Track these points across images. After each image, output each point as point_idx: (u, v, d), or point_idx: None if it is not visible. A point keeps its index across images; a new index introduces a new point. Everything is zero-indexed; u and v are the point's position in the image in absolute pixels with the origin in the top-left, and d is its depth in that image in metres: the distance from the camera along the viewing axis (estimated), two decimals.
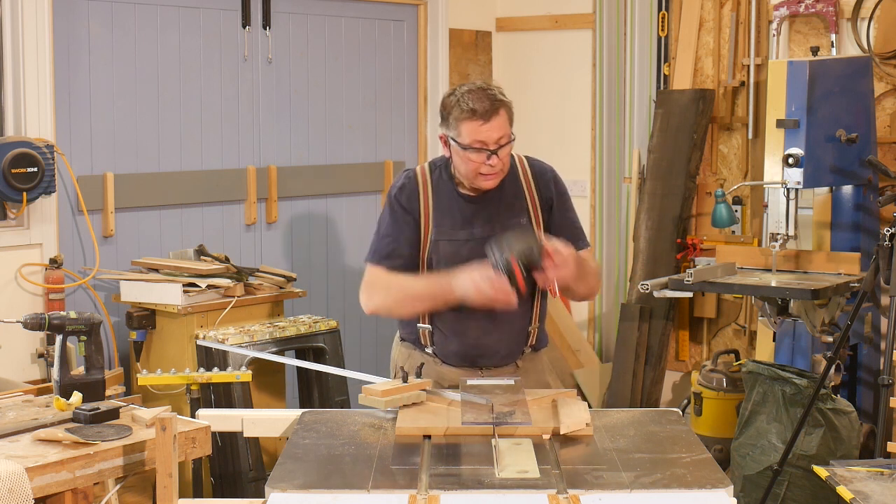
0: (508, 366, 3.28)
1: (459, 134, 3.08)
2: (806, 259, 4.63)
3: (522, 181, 3.24)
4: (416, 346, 3.33)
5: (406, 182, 3.24)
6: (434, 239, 3.19)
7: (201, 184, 5.26)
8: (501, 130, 3.06)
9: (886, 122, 5.16)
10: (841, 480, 2.63)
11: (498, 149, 3.06)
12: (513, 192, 3.23)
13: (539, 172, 3.27)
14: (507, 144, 3.09)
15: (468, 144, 3.06)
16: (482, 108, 3.04)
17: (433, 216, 3.20)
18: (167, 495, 2.38)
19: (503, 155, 3.09)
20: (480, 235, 3.17)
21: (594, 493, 2.31)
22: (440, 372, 3.26)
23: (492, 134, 3.05)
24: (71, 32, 4.77)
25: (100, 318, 3.00)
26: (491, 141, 3.06)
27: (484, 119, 3.04)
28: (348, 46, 5.83)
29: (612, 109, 6.16)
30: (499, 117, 3.06)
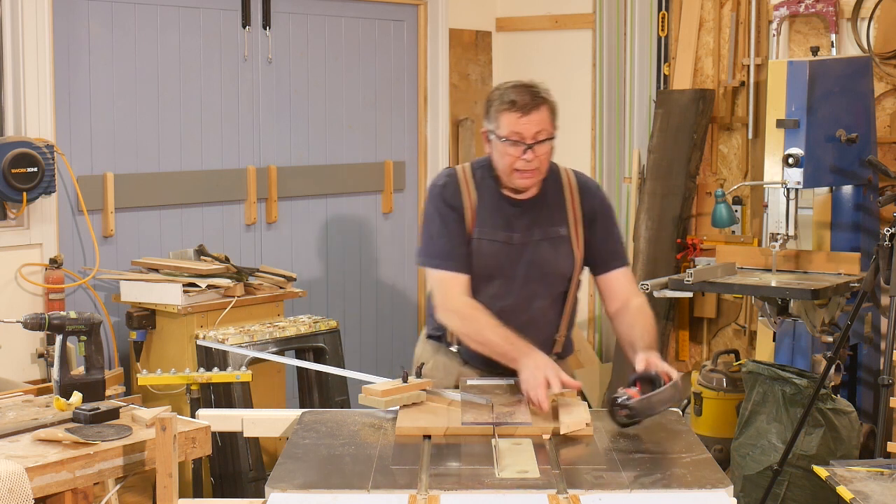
0: None
1: (499, 126, 3.07)
2: (806, 259, 4.63)
3: (567, 192, 3.21)
4: (440, 344, 3.30)
5: (448, 180, 3.21)
6: (476, 237, 3.15)
7: (201, 184, 5.26)
8: (540, 125, 3.04)
9: (886, 122, 5.16)
10: (841, 480, 2.63)
11: (535, 144, 3.04)
12: (556, 201, 3.20)
13: (584, 186, 3.24)
14: (546, 142, 3.06)
15: (506, 136, 3.05)
16: (522, 100, 3.04)
17: (477, 214, 3.16)
18: (167, 495, 2.38)
19: (540, 152, 3.06)
20: (519, 241, 3.15)
21: (594, 493, 2.31)
22: (462, 372, 3.23)
23: (530, 127, 3.03)
24: (71, 32, 4.77)
25: (100, 318, 3.00)
26: (528, 134, 3.03)
27: (523, 112, 3.03)
28: (348, 46, 5.83)
29: (612, 109, 6.16)
30: (539, 112, 3.05)
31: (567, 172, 3.26)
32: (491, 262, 3.14)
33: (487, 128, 3.13)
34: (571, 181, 3.24)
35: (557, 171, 3.24)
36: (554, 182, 3.21)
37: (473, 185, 3.19)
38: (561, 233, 3.18)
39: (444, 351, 3.29)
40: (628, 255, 3.38)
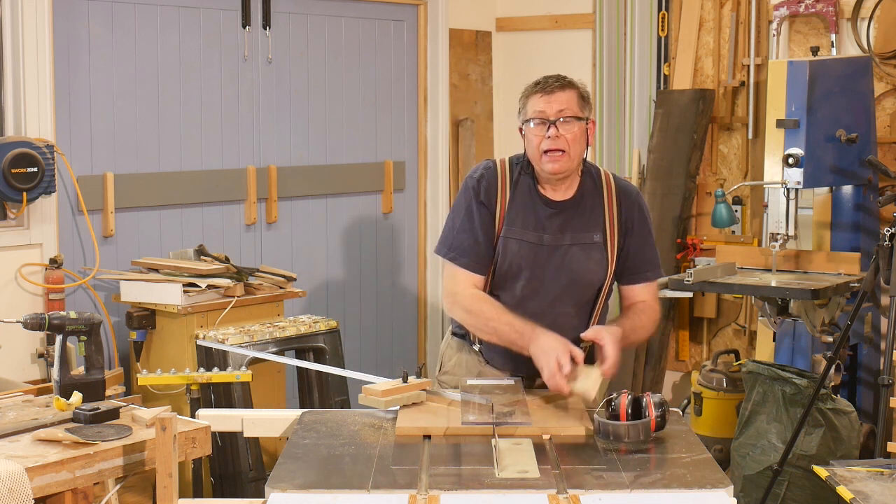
0: None
1: (526, 112, 3.09)
2: (806, 259, 4.63)
3: (605, 197, 3.17)
4: (465, 342, 3.28)
5: (485, 172, 3.19)
6: (504, 235, 3.13)
7: (201, 184, 5.26)
8: (564, 104, 3.04)
9: (886, 122, 5.16)
10: (841, 480, 2.63)
11: (558, 121, 3.03)
12: (591, 205, 3.16)
13: (624, 192, 3.20)
14: (572, 121, 3.04)
15: (531, 117, 3.06)
16: (547, 83, 3.07)
17: (508, 211, 3.14)
18: (167, 495, 2.38)
19: (566, 131, 3.04)
20: (549, 243, 3.12)
21: (594, 493, 2.31)
22: (483, 371, 3.21)
23: (552, 105, 3.04)
24: (71, 32, 4.77)
25: (100, 318, 3.00)
26: (551, 111, 3.04)
27: (546, 92, 3.05)
28: (348, 46, 5.83)
29: (612, 109, 6.16)
30: (563, 93, 3.05)
31: (607, 176, 3.21)
32: (517, 261, 3.12)
33: (520, 121, 3.13)
34: (611, 186, 3.19)
35: (597, 175, 3.20)
36: (592, 185, 3.17)
37: (510, 180, 3.16)
38: (595, 239, 3.13)
39: (468, 349, 3.27)
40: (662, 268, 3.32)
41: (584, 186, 3.16)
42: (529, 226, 3.13)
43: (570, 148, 3.05)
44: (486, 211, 3.14)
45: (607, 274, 3.16)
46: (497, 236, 3.13)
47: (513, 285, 3.15)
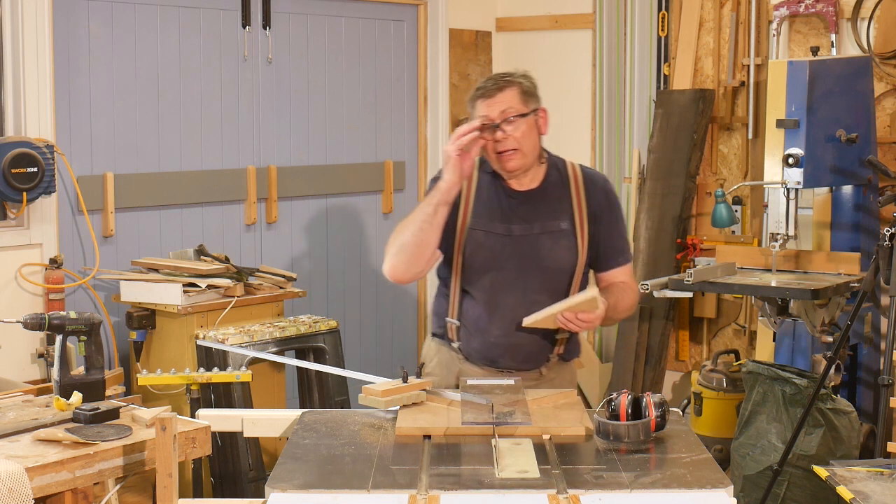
0: (532, 371, 3.22)
1: (474, 115, 3.14)
2: (806, 259, 4.63)
3: (572, 186, 3.22)
4: (444, 342, 3.31)
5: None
6: (470, 227, 3.18)
7: (201, 184, 5.26)
8: (505, 104, 3.10)
9: (886, 122, 5.16)
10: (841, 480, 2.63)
11: (503, 123, 3.09)
12: (558, 195, 3.21)
13: (590, 180, 3.25)
14: (517, 119, 3.09)
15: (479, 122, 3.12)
16: (486, 85, 3.13)
17: (473, 205, 3.19)
18: (167, 495, 2.38)
19: (512, 130, 3.09)
20: (518, 233, 3.17)
21: (594, 493, 2.31)
22: (463, 370, 3.24)
23: (494, 108, 3.10)
24: (71, 32, 4.77)
25: (100, 318, 3.00)
26: (494, 114, 3.09)
27: (487, 95, 3.11)
28: (348, 46, 5.83)
29: (612, 109, 6.16)
30: (503, 93, 3.11)
31: (573, 166, 3.27)
32: (486, 253, 3.16)
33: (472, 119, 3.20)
34: (577, 175, 3.24)
35: (563, 165, 3.26)
36: (558, 175, 3.23)
37: (476, 176, 3.22)
38: (562, 226, 3.18)
39: (447, 348, 3.30)
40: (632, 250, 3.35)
41: (549, 176, 3.23)
42: (496, 217, 3.18)
43: (522, 144, 3.12)
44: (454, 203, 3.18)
45: (578, 260, 3.20)
46: (463, 229, 3.18)
47: (483, 277, 3.18)
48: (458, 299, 3.23)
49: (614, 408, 2.70)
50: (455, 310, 3.24)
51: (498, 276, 3.17)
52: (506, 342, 3.19)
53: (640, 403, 2.70)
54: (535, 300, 3.14)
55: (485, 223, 3.17)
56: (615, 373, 5.71)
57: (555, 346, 3.25)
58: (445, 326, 3.28)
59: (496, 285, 3.17)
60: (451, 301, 3.25)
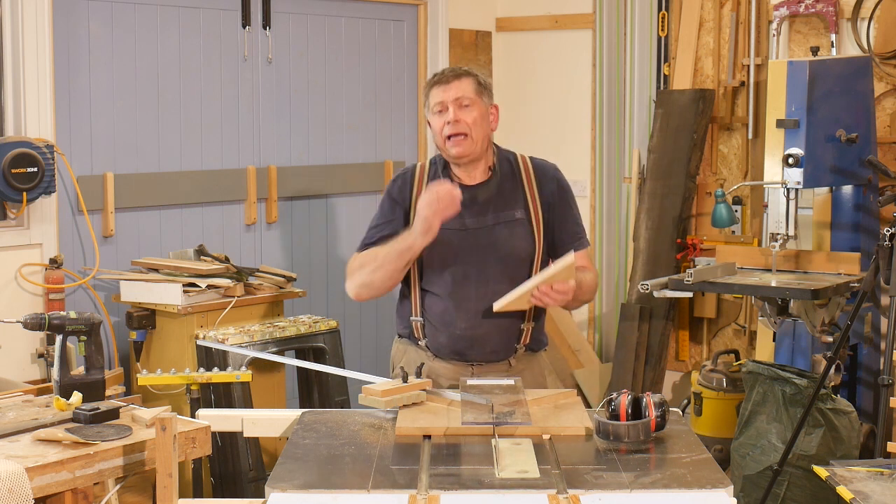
0: (500, 363, 3.28)
1: (429, 104, 3.26)
2: (806, 259, 4.63)
3: (523, 177, 3.30)
4: (410, 341, 3.36)
5: (401, 174, 3.38)
6: None
7: (201, 184, 5.26)
8: (460, 92, 3.22)
9: (886, 122, 5.16)
10: (841, 480, 2.63)
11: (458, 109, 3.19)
12: (510, 186, 3.28)
13: (541, 169, 3.33)
14: (470, 105, 3.20)
15: (432, 108, 3.24)
16: (442, 74, 3.26)
17: None
18: (167, 495, 2.38)
19: (466, 116, 3.19)
20: (472, 226, 3.23)
21: (594, 493, 2.31)
22: (432, 367, 3.28)
23: (449, 93, 3.21)
24: (71, 32, 4.77)
25: (100, 318, 3.00)
26: (449, 100, 3.20)
27: (443, 83, 3.23)
28: (348, 46, 5.83)
29: (612, 109, 6.16)
30: (459, 82, 3.23)
31: (523, 158, 3.35)
32: (444, 249, 3.21)
33: (426, 115, 3.30)
34: (528, 166, 3.32)
35: (513, 158, 3.34)
36: (509, 167, 3.31)
37: (426, 177, 3.31)
38: (517, 216, 3.25)
39: (414, 347, 3.35)
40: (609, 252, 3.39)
41: (500, 168, 3.30)
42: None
43: (472, 131, 3.21)
44: (400, 209, 3.31)
45: (535, 247, 3.26)
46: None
47: (443, 273, 3.23)
48: (420, 297, 3.29)
49: (614, 408, 2.70)
50: (418, 308, 3.30)
51: (458, 270, 3.23)
52: (472, 334, 3.23)
53: (640, 403, 2.70)
54: (496, 290, 3.19)
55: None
56: (615, 373, 5.71)
57: (521, 337, 3.28)
58: (410, 326, 3.33)
59: (457, 279, 3.23)
60: (413, 300, 3.31)
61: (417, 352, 3.33)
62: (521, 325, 3.28)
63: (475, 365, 3.27)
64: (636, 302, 5.67)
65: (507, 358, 3.30)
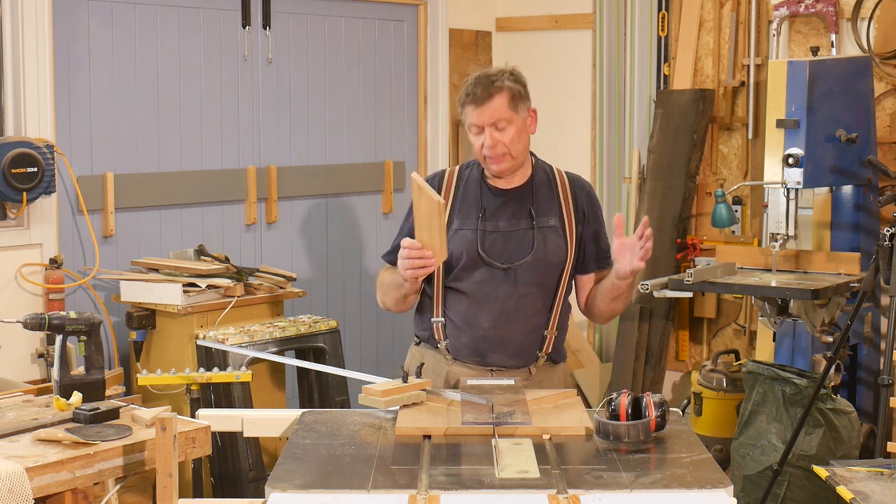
0: (520, 370, 3.22)
1: (464, 118, 3.21)
2: (806, 259, 4.63)
3: (558, 187, 3.27)
4: (429, 345, 3.32)
5: (432, 176, 3.33)
6: (456, 228, 3.21)
7: (201, 184, 5.26)
8: (497, 114, 3.13)
9: (886, 122, 5.16)
10: (841, 480, 2.63)
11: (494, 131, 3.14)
12: (545, 193, 3.25)
13: (576, 183, 3.31)
14: (506, 128, 3.14)
15: (468, 126, 3.19)
16: (476, 93, 3.15)
17: (458, 207, 3.24)
18: (167, 495, 2.38)
19: (503, 136, 3.14)
20: (506, 228, 3.20)
21: (594, 493, 2.30)
22: (451, 371, 3.24)
23: (484, 117, 3.14)
24: (71, 32, 4.77)
25: (100, 318, 3.00)
26: (485, 123, 3.14)
27: (477, 104, 3.14)
28: (348, 46, 5.83)
29: (612, 109, 6.16)
30: (493, 102, 3.14)
31: (558, 171, 3.33)
32: (474, 249, 3.18)
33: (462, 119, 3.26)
34: (564, 178, 3.30)
35: (550, 169, 3.32)
36: (544, 176, 3.29)
37: (455, 181, 3.28)
38: (551, 223, 3.22)
39: (433, 351, 3.31)
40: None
41: (536, 175, 3.28)
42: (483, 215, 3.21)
43: (510, 148, 3.16)
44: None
45: (567, 255, 3.23)
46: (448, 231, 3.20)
47: (471, 272, 3.20)
48: (443, 297, 3.26)
49: (614, 408, 2.70)
50: (440, 308, 3.27)
51: (487, 269, 3.19)
52: (496, 335, 3.20)
53: (640, 403, 2.70)
54: (524, 293, 3.18)
55: (469, 222, 3.21)
56: (615, 373, 5.71)
57: (543, 344, 3.24)
58: (431, 328, 3.29)
59: (485, 278, 3.19)
60: (435, 300, 3.27)
61: (436, 356, 3.28)
62: (544, 331, 3.24)
63: (495, 370, 3.21)
64: (636, 302, 5.67)
65: (528, 365, 3.24)
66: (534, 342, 3.23)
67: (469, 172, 3.28)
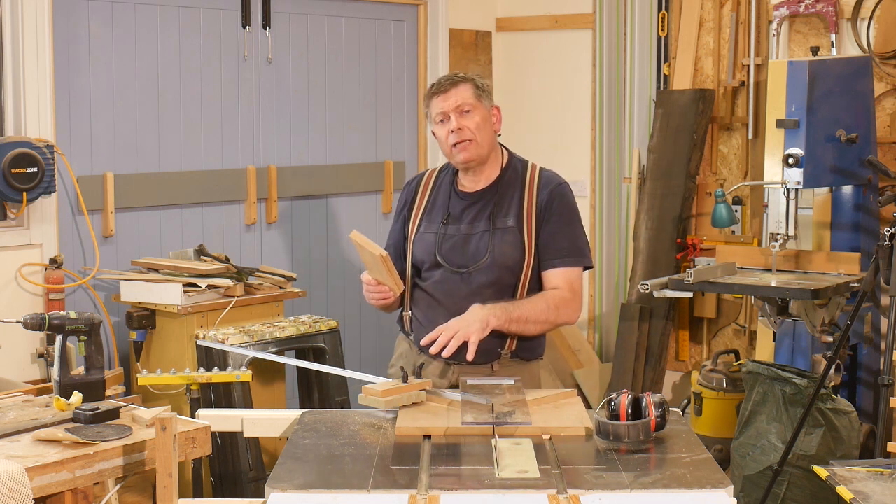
0: (482, 366, 3.23)
1: (430, 116, 3.31)
2: (806, 259, 4.63)
3: (526, 185, 3.31)
4: (403, 333, 3.46)
5: (413, 178, 3.47)
6: (420, 231, 3.34)
7: (201, 184, 5.26)
8: (459, 100, 3.25)
9: (886, 122, 5.16)
10: (841, 480, 2.63)
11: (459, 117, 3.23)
12: (509, 193, 3.30)
13: (545, 181, 3.32)
14: (471, 111, 3.24)
15: (434, 119, 3.28)
16: (440, 83, 3.29)
17: (425, 210, 3.37)
18: (167, 495, 2.38)
19: (468, 122, 3.23)
20: (466, 231, 3.28)
21: (594, 493, 2.31)
22: (416, 359, 3.30)
23: (449, 102, 3.25)
24: (71, 32, 4.77)
25: (100, 318, 3.00)
26: (450, 109, 3.24)
27: (442, 92, 3.27)
28: (348, 46, 5.83)
29: (612, 109, 6.16)
30: (457, 89, 3.26)
31: (533, 167, 3.36)
32: (434, 251, 3.29)
33: (429, 126, 3.36)
34: (534, 175, 3.34)
35: (523, 166, 3.36)
36: (514, 174, 3.33)
37: (433, 182, 3.41)
38: (508, 223, 3.26)
39: (406, 340, 3.43)
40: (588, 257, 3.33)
41: (504, 175, 3.33)
42: (444, 218, 3.32)
43: (476, 135, 3.25)
44: (405, 209, 3.43)
45: (524, 256, 3.25)
46: (412, 233, 3.36)
47: (434, 271, 3.31)
48: (411, 293, 3.38)
49: (614, 408, 2.71)
50: (408, 301, 3.39)
51: (448, 269, 3.27)
52: None
53: (640, 403, 2.70)
54: (482, 293, 3.22)
55: (433, 226, 3.32)
56: (615, 373, 5.71)
57: (506, 342, 3.24)
58: (402, 319, 3.42)
59: (446, 277, 3.28)
60: (406, 295, 3.39)
61: (409, 344, 3.41)
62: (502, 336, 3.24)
63: (456, 364, 3.24)
64: (636, 302, 5.67)
65: (490, 362, 3.25)
66: (493, 341, 3.21)
67: (444, 177, 3.39)
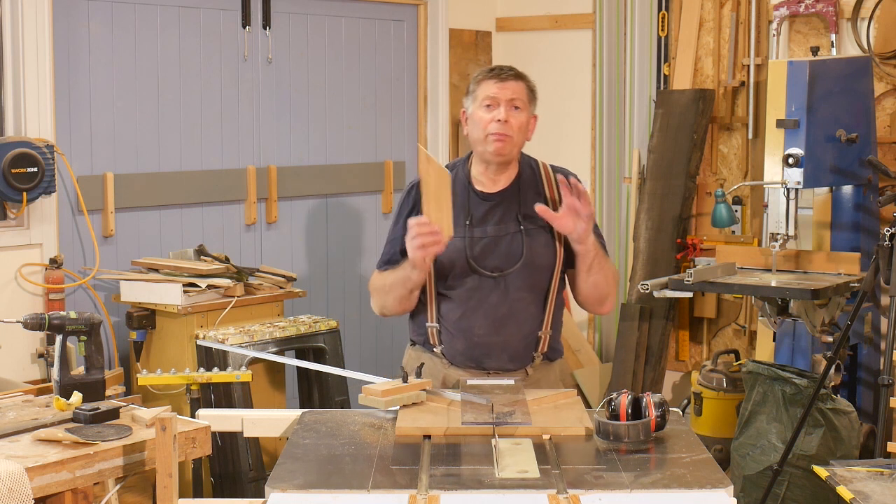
0: (517, 372, 3.21)
1: (476, 97, 3.17)
2: (806, 259, 4.63)
3: (544, 184, 3.24)
4: (425, 349, 3.30)
5: (412, 184, 3.28)
6: None
7: (201, 184, 5.26)
8: (515, 93, 3.15)
9: (886, 122, 5.16)
10: (841, 480, 2.63)
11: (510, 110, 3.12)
12: (531, 193, 3.21)
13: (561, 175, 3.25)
14: (520, 111, 3.14)
15: (482, 101, 3.14)
16: (501, 70, 3.18)
17: None
18: (167, 495, 2.38)
19: (514, 118, 3.13)
20: (495, 234, 3.17)
21: (594, 493, 2.31)
22: (448, 375, 3.22)
23: (504, 92, 3.14)
24: (71, 32, 4.77)
25: (100, 318, 3.00)
26: (503, 98, 3.13)
27: (500, 79, 3.15)
28: (348, 46, 5.83)
29: (612, 109, 6.16)
30: (517, 83, 3.16)
31: (544, 165, 3.29)
32: (464, 255, 3.15)
33: (466, 105, 3.22)
34: (549, 173, 3.26)
35: (535, 164, 3.28)
36: (531, 174, 3.25)
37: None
38: (538, 223, 3.17)
39: (429, 355, 3.28)
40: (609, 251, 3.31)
41: (523, 174, 3.24)
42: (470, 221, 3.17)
43: (515, 134, 3.15)
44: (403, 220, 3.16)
45: (556, 256, 3.19)
46: None
47: (462, 279, 3.17)
48: (436, 303, 3.23)
49: (614, 408, 2.70)
50: (434, 314, 3.24)
51: (477, 276, 3.16)
52: (490, 341, 3.17)
53: (640, 403, 2.70)
54: (516, 297, 3.16)
55: (459, 229, 3.11)
56: (615, 373, 5.71)
57: (539, 344, 3.22)
58: (426, 332, 3.27)
59: (476, 285, 3.16)
60: (429, 306, 3.24)
61: (432, 359, 3.26)
62: (538, 332, 3.21)
63: (492, 373, 3.19)
64: (636, 302, 5.67)
65: (525, 367, 3.22)
66: (529, 344, 3.21)
67: (455, 175, 3.21)
